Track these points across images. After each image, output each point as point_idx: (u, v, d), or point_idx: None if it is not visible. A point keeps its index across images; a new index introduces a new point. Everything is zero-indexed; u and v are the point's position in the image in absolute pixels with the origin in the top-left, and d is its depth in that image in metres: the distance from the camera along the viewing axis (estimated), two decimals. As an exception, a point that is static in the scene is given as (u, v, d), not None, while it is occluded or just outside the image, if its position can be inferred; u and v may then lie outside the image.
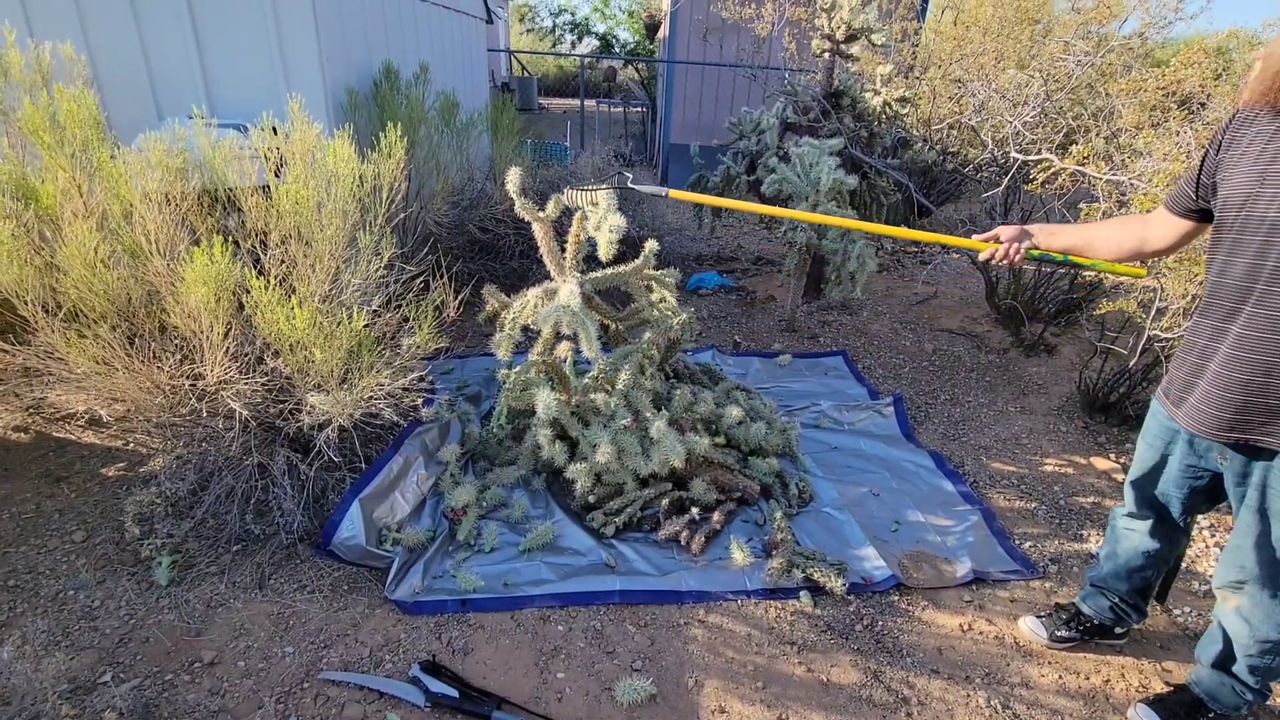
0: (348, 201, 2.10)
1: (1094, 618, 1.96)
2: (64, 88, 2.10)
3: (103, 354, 1.91)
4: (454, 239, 3.97)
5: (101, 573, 2.05)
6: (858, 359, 3.83)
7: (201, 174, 2.20)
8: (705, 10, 7.61)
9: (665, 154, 8.54)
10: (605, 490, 2.40)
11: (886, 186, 4.43)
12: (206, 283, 1.85)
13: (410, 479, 2.34)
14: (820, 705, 1.77)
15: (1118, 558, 1.87)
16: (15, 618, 1.88)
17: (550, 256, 2.42)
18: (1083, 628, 1.97)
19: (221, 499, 2.16)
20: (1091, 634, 1.97)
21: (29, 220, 2.00)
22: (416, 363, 2.20)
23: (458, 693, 1.69)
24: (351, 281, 2.14)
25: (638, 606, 2.05)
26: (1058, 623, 1.99)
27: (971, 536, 2.41)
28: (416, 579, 2.06)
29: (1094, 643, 1.99)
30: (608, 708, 1.73)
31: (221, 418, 2.10)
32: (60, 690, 1.64)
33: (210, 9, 2.98)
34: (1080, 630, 1.97)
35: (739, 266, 5.32)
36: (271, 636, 1.87)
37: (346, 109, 3.34)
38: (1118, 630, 1.97)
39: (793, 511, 2.48)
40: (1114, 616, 1.94)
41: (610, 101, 14.48)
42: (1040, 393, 3.50)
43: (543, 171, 4.98)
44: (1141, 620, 1.95)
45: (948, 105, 5.33)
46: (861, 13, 3.95)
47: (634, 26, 19.31)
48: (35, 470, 2.48)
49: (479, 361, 3.52)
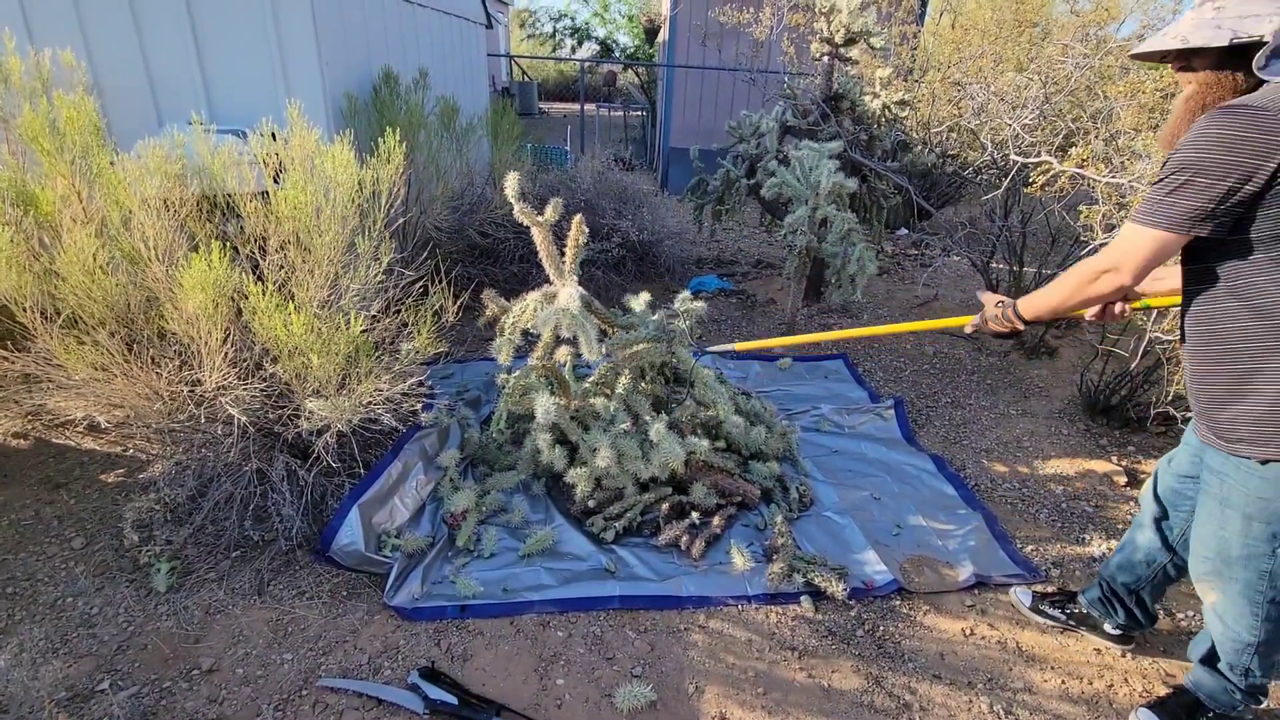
0: (346, 207, 2.10)
1: (1083, 606, 1.99)
2: (64, 94, 2.10)
3: (101, 360, 1.91)
4: (453, 243, 3.98)
5: (100, 579, 2.04)
6: (858, 362, 3.83)
7: (200, 180, 2.20)
8: (704, 15, 7.63)
9: (665, 158, 8.55)
10: (605, 495, 2.39)
11: (886, 189, 4.43)
12: (205, 288, 1.85)
13: (409, 484, 2.34)
14: (821, 711, 1.76)
15: (1123, 549, 1.90)
16: (13, 625, 1.87)
17: (549, 260, 2.42)
18: (1068, 612, 2.00)
19: (220, 505, 2.15)
20: (1078, 621, 2.00)
21: (28, 226, 2.00)
22: (415, 367, 2.19)
23: (457, 700, 1.69)
24: (350, 287, 2.14)
25: (638, 612, 2.04)
26: (1049, 599, 2.03)
27: (973, 540, 2.40)
28: (416, 585, 2.05)
29: (1079, 631, 2.00)
30: (608, 714, 1.72)
31: (220, 424, 2.09)
32: (58, 698, 1.64)
33: (210, 15, 2.99)
34: (1066, 613, 2.00)
35: (739, 270, 5.32)
36: (270, 643, 1.87)
37: (346, 114, 3.35)
38: (1106, 627, 1.97)
39: (793, 515, 2.47)
40: (1102, 610, 1.95)
41: (610, 106, 14.52)
42: (1041, 395, 3.49)
43: (543, 175, 4.99)
44: (1135, 627, 1.94)
45: (947, 108, 5.33)
46: (860, 16, 3.96)
47: (634, 31, 19.36)
48: (34, 476, 2.48)
49: (478, 366, 3.51)
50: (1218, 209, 1.27)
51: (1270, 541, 1.42)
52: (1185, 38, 1.33)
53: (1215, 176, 1.25)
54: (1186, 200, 1.29)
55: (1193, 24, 1.33)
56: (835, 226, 3.63)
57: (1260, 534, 1.42)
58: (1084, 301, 1.53)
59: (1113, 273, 1.42)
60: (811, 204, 3.63)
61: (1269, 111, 1.21)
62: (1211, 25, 1.30)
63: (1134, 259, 1.38)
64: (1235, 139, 1.23)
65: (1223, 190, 1.25)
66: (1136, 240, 1.37)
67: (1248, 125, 1.22)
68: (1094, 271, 1.45)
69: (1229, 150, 1.24)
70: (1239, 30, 1.27)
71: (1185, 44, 1.33)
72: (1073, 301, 1.54)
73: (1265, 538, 1.42)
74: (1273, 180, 1.23)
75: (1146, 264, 1.37)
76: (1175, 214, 1.31)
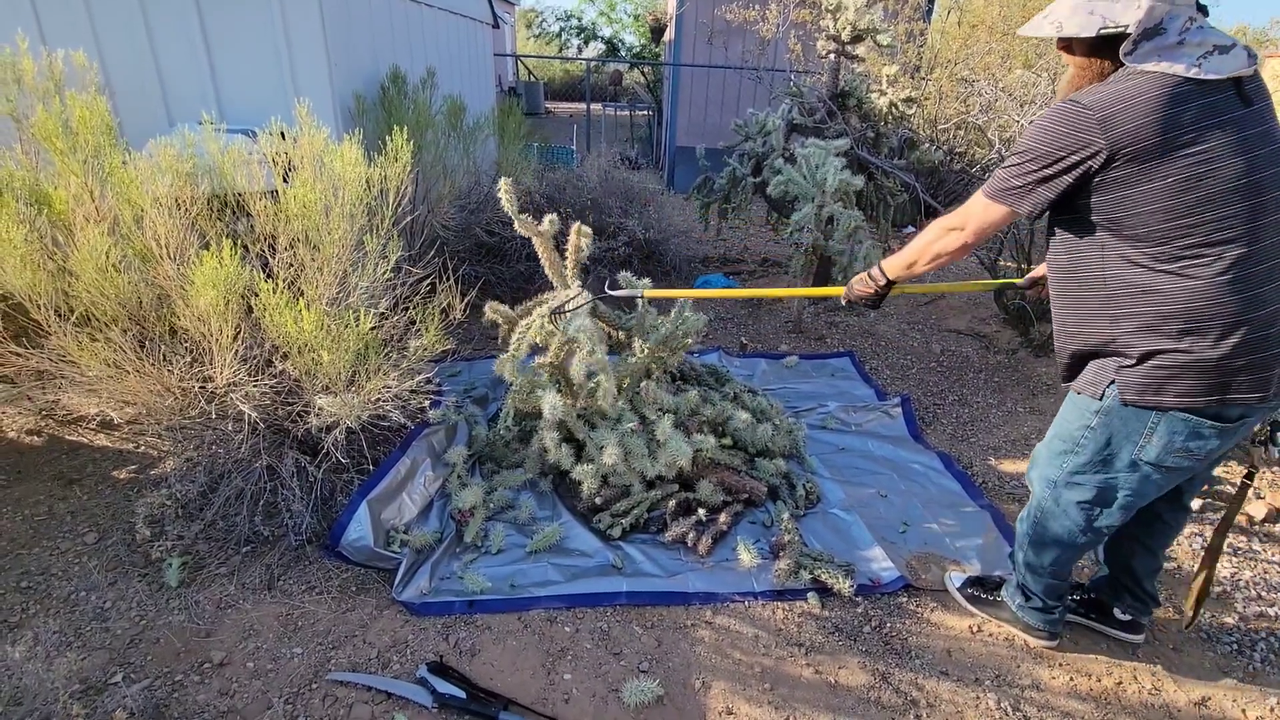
0: (355, 205, 2.11)
1: (1091, 589, 2.01)
2: (76, 95, 2.13)
3: (114, 357, 1.93)
4: (460, 242, 3.99)
5: (113, 574, 2.07)
6: (865, 360, 3.82)
7: (211, 179, 2.22)
8: (710, 13, 7.62)
9: (671, 157, 8.54)
10: (612, 492, 2.40)
11: (893, 187, 4.42)
12: (215, 286, 1.86)
13: (418, 480, 2.35)
14: (828, 707, 1.76)
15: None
16: (28, 618, 1.90)
17: (552, 269, 2.44)
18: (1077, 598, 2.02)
19: (231, 501, 2.17)
20: (1088, 609, 2.01)
21: (42, 225, 2.03)
22: (423, 365, 2.21)
23: (465, 694, 1.70)
24: (359, 284, 2.15)
25: (644, 608, 2.05)
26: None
27: (980, 538, 2.39)
28: (424, 580, 2.07)
29: (1091, 619, 2.00)
30: (615, 709, 1.73)
31: (231, 420, 2.11)
32: (72, 690, 1.66)
33: (220, 16, 3.01)
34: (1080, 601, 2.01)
35: (745, 268, 5.32)
36: (280, 637, 1.88)
37: (354, 114, 3.37)
38: (1117, 611, 1.96)
39: (800, 513, 2.47)
40: (1110, 593, 1.96)
41: (616, 105, 14.51)
42: (1050, 393, 3.48)
43: (549, 175, 5.00)
44: (1137, 610, 1.93)
45: (954, 105, 5.31)
46: (867, 13, 3.95)
47: (639, 30, 19.36)
48: (48, 472, 2.51)
49: (486, 364, 3.53)
50: (1039, 189, 1.45)
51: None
52: (1061, 24, 1.42)
53: (1041, 163, 1.43)
54: (1017, 180, 1.48)
55: (1070, 8, 1.41)
56: (841, 224, 3.63)
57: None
58: (934, 257, 1.72)
59: (957, 231, 1.64)
60: (818, 202, 3.63)
61: (1090, 110, 1.35)
62: (1085, 11, 1.39)
63: (976, 221, 1.59)
64: (1058, 132, 1.40)
65: (1045, 175, 1.43)
66: (979, 208, 1.58)
67: (1069, 120, 1.38)
68: (942, 229, 1.67)
69: (1052, 141, 1.40)
70: (1108, 17, 1.36)
71: (1060, 32, 1.43)
72: (925, 256, 1.73)
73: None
74: (1088, 170, 1.37)
75: (985, 227, 1.59)
76: (1007, 189, 1.51)
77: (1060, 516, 1.72)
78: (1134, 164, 1.34)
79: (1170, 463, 1.52)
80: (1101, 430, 1.57)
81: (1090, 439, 1.60)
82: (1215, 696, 1.83)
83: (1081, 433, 1.61)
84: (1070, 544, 1.74)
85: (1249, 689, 1.85)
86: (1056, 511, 1.72)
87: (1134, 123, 1.32)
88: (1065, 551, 1.77)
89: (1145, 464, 1.54)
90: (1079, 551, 1.77)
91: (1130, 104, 1.32)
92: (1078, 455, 1.63)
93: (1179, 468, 1.53)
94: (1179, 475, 1.58)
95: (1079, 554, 1.79)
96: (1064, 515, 1.71)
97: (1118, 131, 1.33)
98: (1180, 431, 1.47)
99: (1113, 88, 1.36)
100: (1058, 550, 1.78)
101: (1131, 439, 1.53)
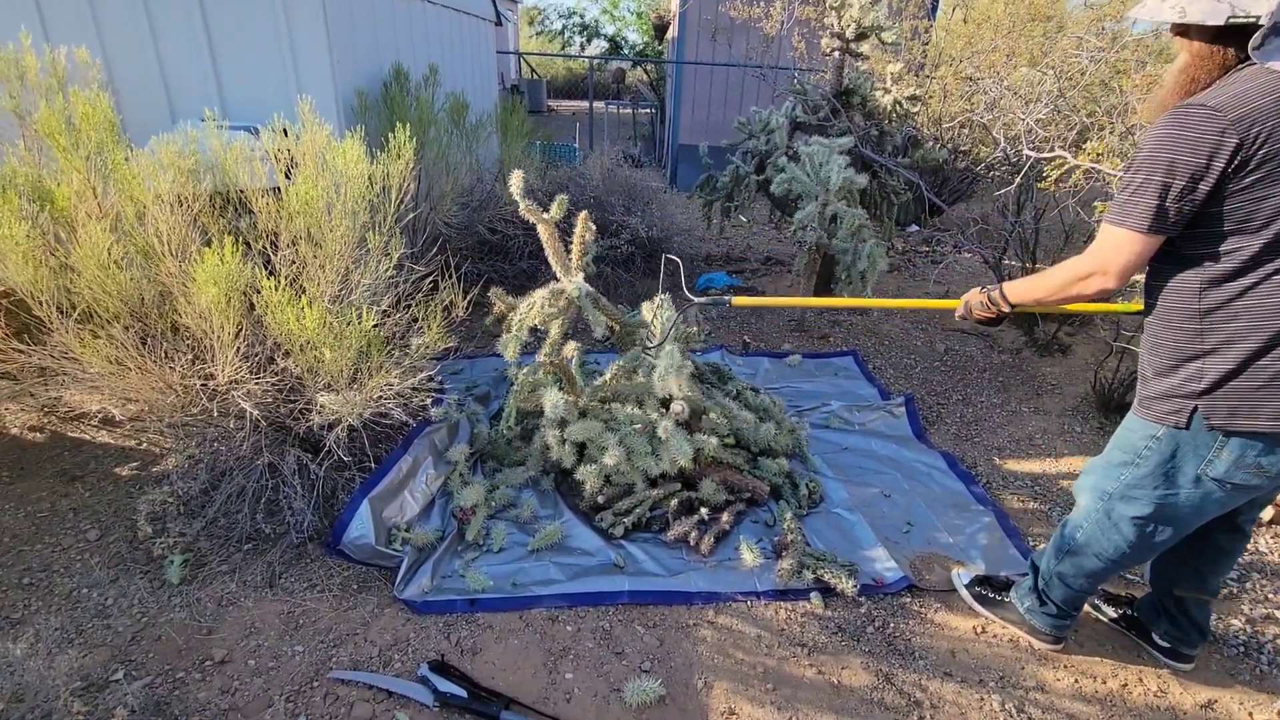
0: (357, 202, 2.11)
1: (1136, 608, 1.98)
2: (79, 91, 2.12)
3: (116, 354, 1.92)
4: (463, 239, 3.99)
5: (114, 571, 2.07)
6: (868, 359, 3.81)
7: (213, 176, 2.22)
8: (714, 10, 7.60)
9: (674, 155, 8.53)
10: (614, 491, 2.39)
11: (897, 185, 4.40)
12: (217, 283, 1.86)
13: (419, 479, 2.35)
14: (831, 708, 1.75)
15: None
16: (29, 615, 1.90)
17: (555, 257, 2.42)
18: (1120, 613, 1.99)
19: (233, 498, 2.17)
20: (1128, 625, 1.98)
21: (44, 222, 2.02)
22: (425, 363, 2.20)
23: (466, 692, 1.69)
24: (361, 282, 2.15)
25: (646, 607, 2.04)
26: (1111, 599, 2.04)
27: (984, 538, 2.38)
28: (425, 578, 2.06)
29: (1131, 635, 1.97)
30: (616, 709, 1.72)
31: (232, 417, 2.11)
32: (73, 687, 1.66)
33: (223, 13, 3.01)
34: (1121, 616, 1.99)
35: (748, 266, 5.30)
36: (282, 635, 1.88)
37: (356, 111, 3.36)
38: (1155, 636, 1.91)
39: (803, 512, 2.46)
40: (1150, 615, 1.92)
41: (619, 103, 14.50)
42: (1054, 393, 3.46)
43: (552, 172, 5.00)
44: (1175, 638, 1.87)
45: (959, 103, 5.28)
46: (871, 11, 3.93)
47: (642, 28, 19.35)
48: (50, 469, 2.51)
49: (488, 362, 3.52)
50: (1174, 206, 1.31)
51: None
52: (1184, 9, 1.31)
53: (1177, 175, 1.29)
54: (1145, 198, 1.33)
55: None
56: (845, 223, 3.61)
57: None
58: (1067, 299, 1.56)
59: (1099, 275, 1.45)
60: (821, 200, 3.61)
61: (1220, 113, 1.25)
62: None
63: (1117, 262, 1.41)
64: (1188, 138, 1.27)
65: (1178, 189, 1.29)
66: (1115, 241, 1.40)
67: (1200, 123, 1.26)
68: (1083, 272, 1.48)
69: (1184, 149, 1.27)
70: (1238, 6, 1.26)
71: (1182, 18, 1.32)
72: (1057, 297, 1.58)
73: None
74: (1222, 180, 1.27)
75: (1129, 266, 1.41)
76: (1138, 212, 1.34)
77: (1109, 530, 1.64)
78: (1260, 170, 1.26)
79: (1239, 479, 1.43)
80: (1168, 441, 1.48)
81: (1154, 450, 1.50)
82: (1222, 699, 1.82)
83: (1146, 443, 1.52)
84: (1113, 559, 1.67)
85: (1256, 692, 1.84)
86: (1106, 525, 1.64)
87: (1265, 125, 1.23)
88: (1105, 566, 1.70)
89: (1211, 479, 1.45)
90: (1119, 568, 1.70)
91: (1261, 106, 1.24)
92: (1138, 467, 1.54)
93: (1247, 485, 1.44)
94: (1244, 494, 1.48)
95: (1119, 570, 1.72)
96: (1114, 529, 1.63)
97: (1251, 135, 1.23)
98: (1254, 445, 1.39)
99: (1240, 88, 1.26)
100: (1098, 564, 1.70)
101: (1199, 452, 1.44)
